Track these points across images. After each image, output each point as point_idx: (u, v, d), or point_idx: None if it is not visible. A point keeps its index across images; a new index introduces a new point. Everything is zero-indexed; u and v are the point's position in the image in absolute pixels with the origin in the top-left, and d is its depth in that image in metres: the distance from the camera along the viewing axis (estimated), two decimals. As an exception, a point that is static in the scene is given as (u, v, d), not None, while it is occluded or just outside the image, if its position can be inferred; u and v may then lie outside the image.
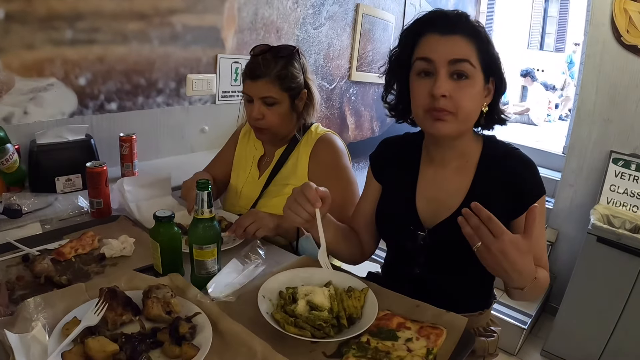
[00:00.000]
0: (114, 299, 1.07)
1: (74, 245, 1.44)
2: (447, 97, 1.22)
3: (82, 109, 2.12)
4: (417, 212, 1.39)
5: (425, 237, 1.36)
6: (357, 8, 3.36)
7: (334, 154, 1.83)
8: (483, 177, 1.34)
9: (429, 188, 1.41)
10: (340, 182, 1.80)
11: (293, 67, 1.76)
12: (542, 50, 13.33)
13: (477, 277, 1.41)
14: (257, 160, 1.96)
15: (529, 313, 3.20)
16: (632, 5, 2.92)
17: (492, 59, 1.27)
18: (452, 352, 1.09)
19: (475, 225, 1.06)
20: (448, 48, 1.22)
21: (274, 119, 1.77)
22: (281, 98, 1.75)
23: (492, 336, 1.47)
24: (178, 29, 2.35)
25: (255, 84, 1.74)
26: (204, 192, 1.22)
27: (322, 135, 1.86)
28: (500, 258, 1.06)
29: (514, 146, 1.39)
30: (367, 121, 3.91)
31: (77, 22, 2.01)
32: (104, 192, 1.72)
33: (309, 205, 1.23)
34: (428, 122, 1.27)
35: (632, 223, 2.89)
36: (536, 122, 7.39)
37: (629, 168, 3.05)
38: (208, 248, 1.25)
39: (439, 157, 1.40)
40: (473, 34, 1.24)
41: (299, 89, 1.79)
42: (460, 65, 1.22)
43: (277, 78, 1.73)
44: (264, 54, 1.74)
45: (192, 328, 1.04)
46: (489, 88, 1.31)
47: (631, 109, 3.05)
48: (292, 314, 1.13)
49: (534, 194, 1.30)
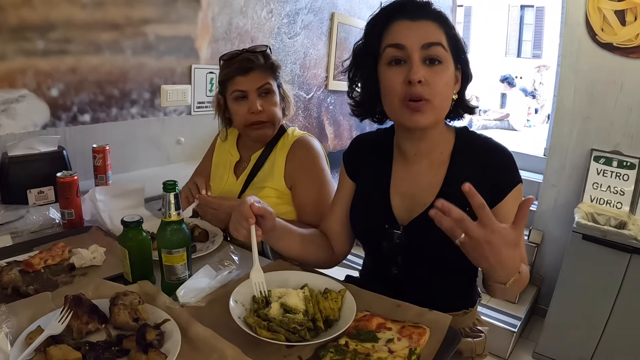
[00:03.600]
0: (79, 307, 1.03)
1: (44, 256, 1.41)
2: (422, 83, 1.19)
3: (54, 120, 2.09)
4: (392, 209, 1.36)
5: (401, 235, 1.33)
6: (333, 17, 3.37)
7: (310, 156, 1.82)
8: (457, 169, 1.32)
9: (403, 184, 1.38)
10: (316, 183, 1.80)
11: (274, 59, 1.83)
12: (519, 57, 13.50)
13: (459, 274, 1.39)
14: (233, 166, 1.95)
15: (518, 316, 3.18)
16: (605, 3, 2.95)
17: (459, 45, 1.27)
18: (436, 351, 1.07)
19: (458, 216, 0.98)
20: (420, 32, 1.21)
21: (273, 108, 1.81)
22: (274, 87, 1.82)
23: (479, 336, 1.43)
24: (151, 39, 2.33)
25: (247, 77, 1.77)
26: (170, 193, 1.20)
27: (299, 137, 1.86)
28: (487, 249, 0.99)
29: (487, 136, 1.37)
30: (346, 130, 3.91)
31: (49, 32, 1.99)
32: (75, 203, 1.69)
33: (245, 222, 1.19)
34: (405, 114, 1.24)
35: (617, 219, 2.90)
36: (516, 128, 7.45)
37: (610, 165, 3.06)
38: (177, 252, 1.23)
39: (412, 152, 1.37)
40: (441, 19, 1.24)
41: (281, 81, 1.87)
42: (433, 49, 1.20)
43: (270, 67, 1.80)
44: (243, 53, 1.79)
45: (160, 335, 1.01)
46: (457, 75, 1.30)
47: (610, 106, 3.07)
48: (265, 317, 1.11)
49: (510, 183, 1.28)
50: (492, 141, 1.35)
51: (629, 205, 2.97)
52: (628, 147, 3.04)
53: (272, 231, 1.27)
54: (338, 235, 1.52)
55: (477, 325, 1.47)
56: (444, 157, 1.35)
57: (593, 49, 3.06)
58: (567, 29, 3.16)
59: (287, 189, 1.82)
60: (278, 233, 1.31)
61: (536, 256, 3.54)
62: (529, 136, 6.69)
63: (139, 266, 1.28)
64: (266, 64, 1.79)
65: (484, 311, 3.13)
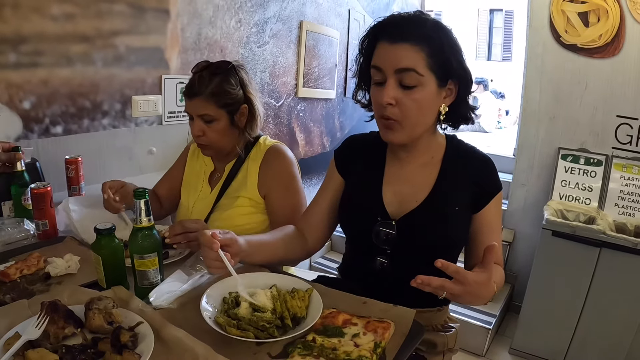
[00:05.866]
0: (55, 312, 1.07)
1: (19, 266, 1.43)
2: (393, 105, 1.26)
3: (27, 132, 2.10)
4: (384, 204, 1.42)
5: (392, 227, 1.39)
6: (301, 25, 3.41)
7: (283, 164, 1.85)
8: (447, 173, 1.41)
9: (395, 181, 1.45)
10: (290, 191, 1.83)
11: (228, 83, 1.77)
12: (489, 60, 13.67)
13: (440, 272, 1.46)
14: (208, 176, 1.97)
15: (492, 313, 3.24)
16: (569, 6, 3.06)
17: (447, 63, 1.28)
18: (401, 344, 1.12)
19: (438, 286, 1.11)
20: (395, 57, 1.25)
21: (214, 135, 1.79)
22: (218, 115, 1.77)
23: (451, 331, 1.51)
24: (121, 50, 2.35)
25: (192, 102, 1.77)
26: (141, 200, 1.24)
27: (271, 146, 1.89)
28: (467, 297, 1.13)
29: (472, 145, 1.47)
30: (317, 137, 3.95)
31: (21, 45, 1.99)
32: (49, 213, 1.71)
33: (211, 251, 1.21)
34: (381, 129, 1.35)
35: (586, 215, 2.99)
36: (487, 129, 7.56)
37: (578, 163, 3.15)
38: (149, 257, 1.26)
39: (404, 155, 1.45)
40: (423, 40, 1.25)
41: (238, 104, 1.80)
42: (406, 75, 1.25)
43: (212, 95, 1.74)
44: (202, 71, 1.77)
45: (134, 336, 1.05)
46: (451, 89, 1.33)
47: (575, 105, 3.17)
48: (235, 317, 1.15)
49: (493, 191, 1.40)
50: (477, 150, 1.45)
51: (597, 201, 3.07)
52: (594, 144, 3.14)
53: (239, 253, 1.29)
54: (317, 227, 1.57)
55: (448, 322, 1.55)
56: (436, 161, 1.43)
57: (558, 50, 3.17)
58: (532, 32, 3.26)
59: (261, 198, 1.84)
60: (250, 251, 1.34)
61: (508, 254, 3.62)
62: (499, 137, 6.79)
63: (112, 272, 1.31)
64: (214, 91, 1.75)
65: (459, 309, 3.19)
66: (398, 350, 1.10)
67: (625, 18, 2.92)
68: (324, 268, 3.84)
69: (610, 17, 2.95)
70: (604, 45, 3.02)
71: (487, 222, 1.40)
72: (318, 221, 1.58)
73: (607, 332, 2.76)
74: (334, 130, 4.17)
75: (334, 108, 4.12)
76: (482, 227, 1.40)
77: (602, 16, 2.98)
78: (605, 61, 3.04)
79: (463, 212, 1.39)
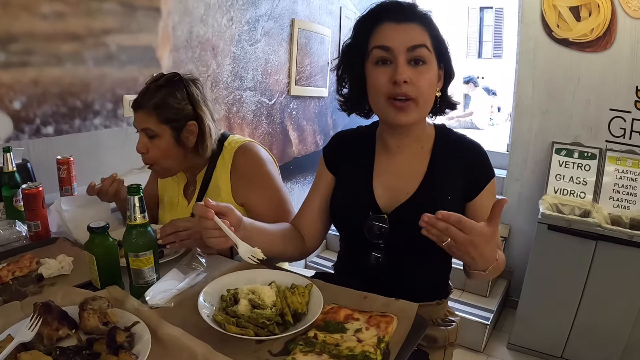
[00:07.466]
0: (49, 314, 1.04)
1: (11, 268, 1.41)
2: (408, 82, 1.27)
3: (17, 133, 2.07)
4: (375, 198, 1.42)
5: (384, 221, 1.38)
6: (293, 23, 3.39)
7: (254, 163, 1.76)
8: (438, 162, 1.41)
9: (386, 175, 1.45)
10: (266, 190, 1.75)
11: (173, 96, 1.66)
12: (480, 58, 13.71)
13: (435, 265, 1.48)
14: (182, 190, 1.91)
15: (490, 309, 3.24)
16: (560, 0, 3.05)
17: (442, 45, 1.35)
18: (404, 338, 1.11)
19: (444, 228, 1.10)
20: (406, 35, 1.29)
21: (156, 152, 1.69)
22: (160, 130, 1.66)
23: (452, 325, 1.50)
24: (113, 49, 2.33)
25: (136, 114, 1.69)
26: (135, 196, 1.21)
27: (239, 147, 1.77)
28: (470, 248, 1.13)
29: (462, 133, 1.48)
30: (310, 135, 3.94)
31: (10, 44, 1.96)
32: (41, 214, 1.69)
33: (207, 221, 1.17)
34: (391, 112, 1.32)
35: (581, 209, 2.99)
36: (480, 126, 7.55)
37: (572, 157, 3.15)
38: (144, 255, 1.24)
39: (395, 145, 1.45)
40: (425, 22, 1.32)
41: (184, 120, 1.68)
42: (418, 50, 1.28)
43: (154, 108, 1.64)
44: (152, 83, 1.69)
45: (130, 336, 1.03)
46: (440, 74, 1.38)
47: (568, 100, 3.17)
48: (234, 314, 1.13)
49: (485, 178, 1.40)
50: (467, 138, 1.46)
51: (592, 194, 3.08)
52: (588, 138, 3.14)
53: (239, 225, 1.25)
54: (312, 227, 1.56)
55: (448, 316, 1.54)
56: (425, 151, 1.43)
57: (549, 45, 3.17)
58: (523, 28, 3.26)
59: (239, 205, 1.75)
60: (249, 230, 1.30)
61: (504, 250, 3.60)
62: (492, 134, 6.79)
63: (106, 272, 1.29)
64: (156, 104, 1.64)
65: (456, 306, 3.20)
66: (402, 345, 1.09)
67: (616, 12, 2.92)
68: (320, 267, 3.82)
69: (602, 11, 2.95)
70: (595, 39, 3.02)
71: (482, 210, 1.38)
72: (312, 221, 1.56)
73: (604, 325, 2.76)
74: (327, 128, 4.16)
75: (327, 106, 4.10)
76: (477, 215, 1.38)
77: (594, 10, 2.98)
78: (598, 55, 3.04)
79: (456, 201, 1.39)
